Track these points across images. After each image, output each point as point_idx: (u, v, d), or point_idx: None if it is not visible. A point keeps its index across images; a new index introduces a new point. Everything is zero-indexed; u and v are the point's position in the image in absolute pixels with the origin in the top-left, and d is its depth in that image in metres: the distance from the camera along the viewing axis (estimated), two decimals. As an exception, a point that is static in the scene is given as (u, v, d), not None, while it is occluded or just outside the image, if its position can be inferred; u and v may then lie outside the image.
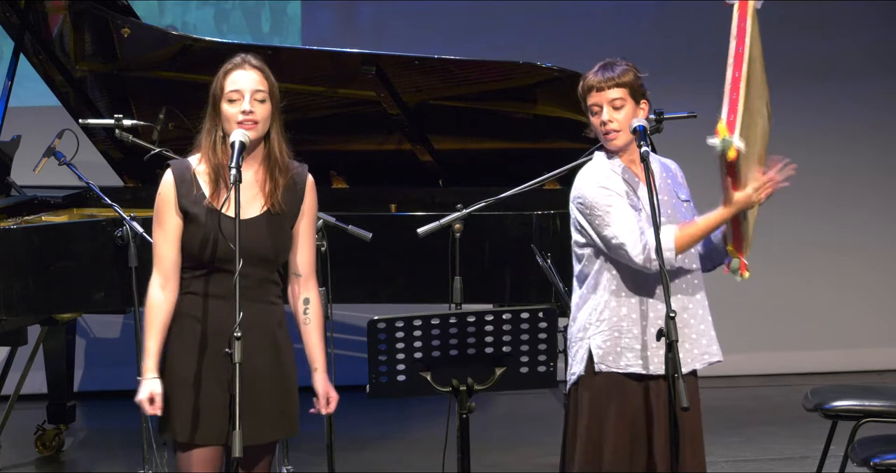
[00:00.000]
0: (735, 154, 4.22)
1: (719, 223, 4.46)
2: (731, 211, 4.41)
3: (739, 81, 4.27)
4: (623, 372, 4.54)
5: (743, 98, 4.26)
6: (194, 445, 4.24)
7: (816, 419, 5.54)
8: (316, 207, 4.42)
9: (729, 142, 4.21)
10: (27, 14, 6.76)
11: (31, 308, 6.21)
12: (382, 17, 8.90)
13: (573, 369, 4.62)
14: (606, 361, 4.55)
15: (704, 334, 4.62)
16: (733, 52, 4.32)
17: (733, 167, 4.29)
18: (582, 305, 4.62)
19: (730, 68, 4.30)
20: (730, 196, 4.38)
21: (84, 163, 6.55)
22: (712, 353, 4.64)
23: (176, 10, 8.82)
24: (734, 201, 4.40)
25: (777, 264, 8.97)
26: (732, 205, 4.40)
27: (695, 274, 4.62)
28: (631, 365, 4.54)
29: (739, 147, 4.21)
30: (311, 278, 4.38)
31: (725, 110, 4.26)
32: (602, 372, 4.54)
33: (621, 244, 4.45)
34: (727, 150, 4.22)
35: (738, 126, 4.22)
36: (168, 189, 4.28)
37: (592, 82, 4.54)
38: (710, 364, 4.64)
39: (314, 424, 5.44)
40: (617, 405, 4.54)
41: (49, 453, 7.26)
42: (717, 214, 4.44)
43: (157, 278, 4.27)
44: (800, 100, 8.98)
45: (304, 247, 4.36)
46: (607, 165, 4.60)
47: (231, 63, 4.30)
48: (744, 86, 4.27)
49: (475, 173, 6.92)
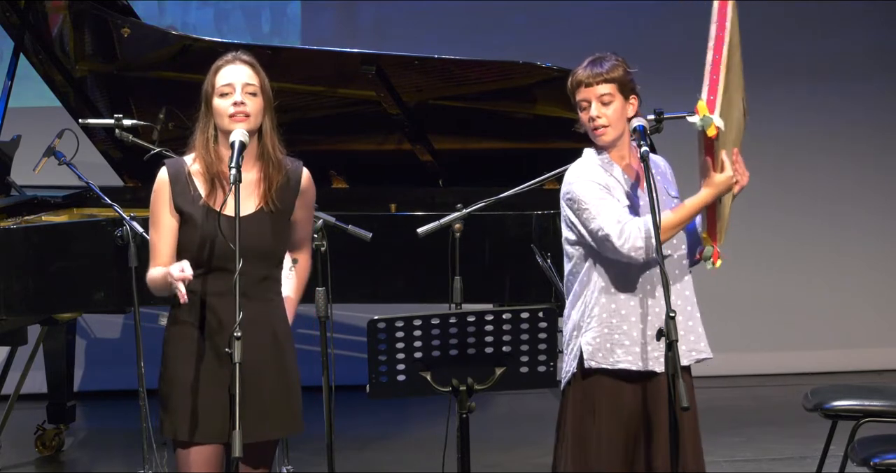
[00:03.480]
0: (715, 131, 4.25)
1: (702, 205, 4.43)
2: (713, 192, 4.40)
3: (720, 62, 4.31)
4: (613, 368, 4.54)
5: (723, 80, 4.29)
6: (194, 444, 4.25)
7: (816, 419, 5.54)
8: (313, 199, 4.43)
9: (709, 119, 4.24)
10: (27, 14, 6.76)
11: (31, 308, 6.21)
12: (382, 17, 8.90)
13: (567, 367, 4.62)
14: (596, 357, 4.55)
15: (692, 331, 4.61)
16: (714, 35, 4.35)
17: (712, 146, 4.31)
18: (575, 303, 4.63)
19: (710, 51, 4.33)
20: (710, 177, 4.39)
21: (84, 163, 6.55)
22: (700, 350, 4.63)
23: (176, 10, 8.82)
24: (715, 183, 4.39)
25: (777, 264, 8.98)
26: (714, 186, 4.39)
27: (683, 269, 4.61)
28: (621, 361, 4.53)
29: (719, 125, 4.24)
30: (304, 247, 4.45)
31: (706, 90, 4.29)
32: (593, 369, 4.55)
33: (607, 235, 4.45)
34: (707, 128, 4.24)
35: (718, 105, 4.26)
36: (163, 188, 4.28)
37: (581, 78, 4.53)
38: (697, 361, 4.63)
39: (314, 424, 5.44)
40: (607, 402, 4.55)
41: (49, 453, 7.26)
42: (699, 197, 4.42)
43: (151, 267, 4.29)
44: (800, 100, 8.99)
45: (302, 227, 4.41)
46: (596, 161, 4.60)
47: (222, 59, 4.31)
48: (724, 68, 4.30)
49: (475, 173, 6.92)
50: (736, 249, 4.63)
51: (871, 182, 9.13)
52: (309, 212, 4.44)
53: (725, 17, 4.38)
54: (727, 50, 4.33)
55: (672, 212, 4.47)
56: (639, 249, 4.41)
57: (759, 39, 8.50)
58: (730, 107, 4.40)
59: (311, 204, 4.44)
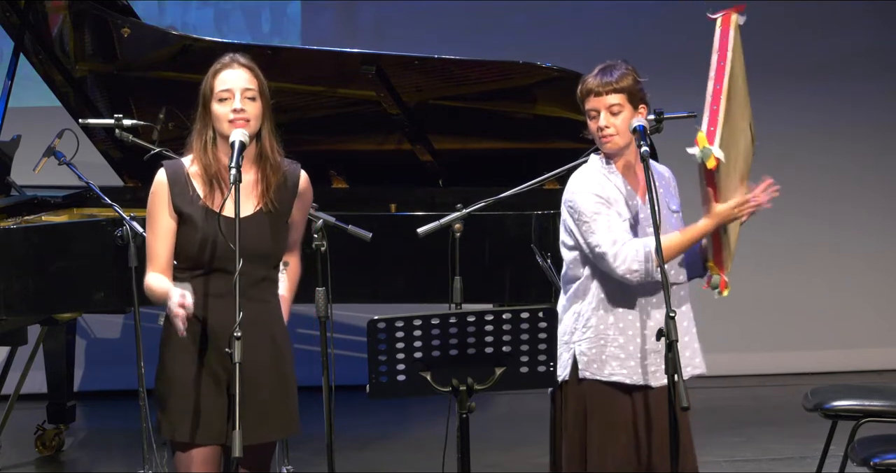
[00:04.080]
0: (715, 163, 4.24)
1: (701, 235, 4.45)
2: (713, 223, 4.41)
3: (721, 93, 4.30)
4: (606, 380, 4.55)
5: (724, 110, 4.29)
6: (194, 445, 4.24)
7: (816, 419, 5.54)
8: (310, 200, 4.44)
9: (709, 151, 4.23)
10: (27, 14, 6.76)
11: (31, 308, 6.21)
12: (382, 17, 8.90)
13: (559, 371, 4.62)
14: (591, 368, 4.57)
15: (688, 346, 4.61)
16: (715, 65, 4.35)
17: (712, 177, 4.31)
18: (568, 308, 4.63)
19: (711, 81, 4.33)
20: (712, 208, 4.39)
21: (84, 163, 6.55)
22: (695, 365, 4.65)
23: (176, 10, 8.82)
24: (716, 213, 4.39)
25: (777, 264, 8.98)
26: (714, 217, 4.40)
27: (681, 285, 4.61)
28: (615, 374, 4.55)
29: (719, 156, 4.23)
30: (295, 249, 4.46)
31: (706, 121, 4.29)
32: (587, 379, 4.56)
33: (603, 254, 4.46)
34: (706, 160, 4.23)
35: (717, 137, 4.25)
36: (161, 189, 4.28)
37: (591, 86, 4.53)
38: (693, 376, 4.63)
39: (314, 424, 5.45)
40: (601, 413, 4.56)
41: (49, 453, 7.26)
42: (699, 226, 4.44)
43: (149, 271, 4.28)
44: (800, 100, 8.99)
45: (296, 230, 4.41)
46: (602, 170, 4.59)
47: (220, 62, 4.30)
48: (724, 98, 4.29)
49: (475, 173, 6.92)
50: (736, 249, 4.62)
51: (871, 182, 9.13)
52: (304, 215, 4.44)
53: (727, 47, 4.37)
54: (728, 79, 4.31)
55: (669, 239, 4.45)
56: (634, 272, 4.43)
57: (759, 39, 8.48)
58: (733, 136, 4.38)
59: (307, 206, 4.44)
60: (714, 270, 4.50)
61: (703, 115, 4.30)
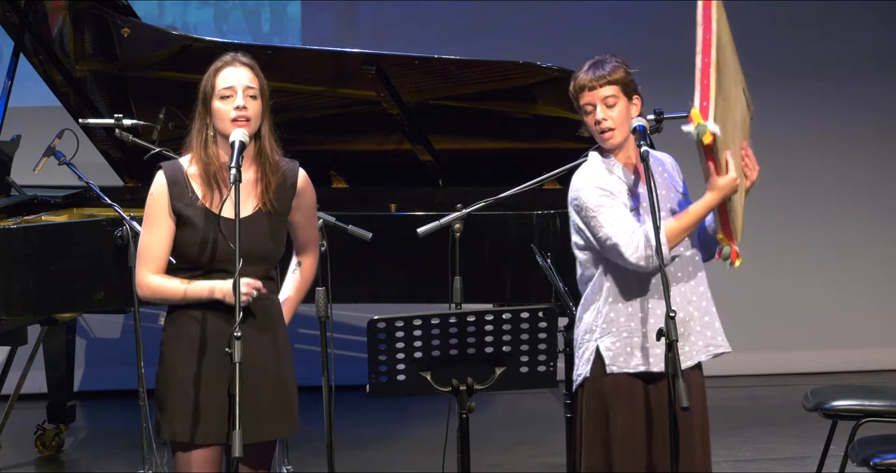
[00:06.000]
0: (711, 138, 4.25)
1: (707, 209, 4.46)
2: (717, 196, 4.42)
3: (709, 66, 4.30)
4: (633, 372, 4.54)
5: (714, 83, 4.29)
6: (194, 445, 4.24)
7: (816, 419, 5.54)
8: (312, 199, 4.43)
9: (703, 127, 4.24)
10: (27, 14, 6.75)
11: (31, 308, 6.20)
12: (382, 17, 8.90)
13: (579, 370, 4.62)
14: (618, 362, 4.55)
15: (709, 325, 4.62)
16: (701, 38, 4.35)
17: (711, 151, 4.32)
18: (588, 307, 4.62)
19: (699, 55, 4.33)
20: (713, 181, 4.40)
21: (84, 163, 6.55)
22: (717, 344, 4.64)
23: (176, 10, 8.82)
24: (718, 186, 4.40)
25: (777, 264, 8.98)
26: (717, 190, 4.41)
27: (696, 265, 4.62)
28: (641, 364, 4.54)
29: (715, 131, 4.24)
30: (309, 249, 4.48)
31: (698, 96, 4.29)
32: (613, 374, 4.55)
33: (615, 245, 4.46)
34: (702, 136, 4.24)
35: (711, 111, 4.25)
36: (160, 191, 4.27)
37: (584, 81, 4.53)
38: (715, 355, 4.63)
39: (314, 424, 5.45)
40: (626, 405, 4.54)
41: (49, 453, 7.26)
42: (704, 201, 4.44)
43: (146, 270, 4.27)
44: (800, 100, 8.99)
45: (305, 230, 4.42)
46: (603, 165, 4.60)
47: (221, 61, 4.30)
48: (714, 71, 4.30)
49: (475, 173, 6.92)
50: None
51: (871, 182, 9.13)
52: (310, 214, 4.43)
53: (710, 19, 4.37)
54: (715, 51, 4.32)
55: (676, 218, 4.47)
56: (648, 258, 4.43)
57: (760, 39, 8.49)
58: (727, 105, 4.39)
59: (310, 205, 4.43)
60: (724, 242, 4.51)
61: (694, 92, 4.31)
